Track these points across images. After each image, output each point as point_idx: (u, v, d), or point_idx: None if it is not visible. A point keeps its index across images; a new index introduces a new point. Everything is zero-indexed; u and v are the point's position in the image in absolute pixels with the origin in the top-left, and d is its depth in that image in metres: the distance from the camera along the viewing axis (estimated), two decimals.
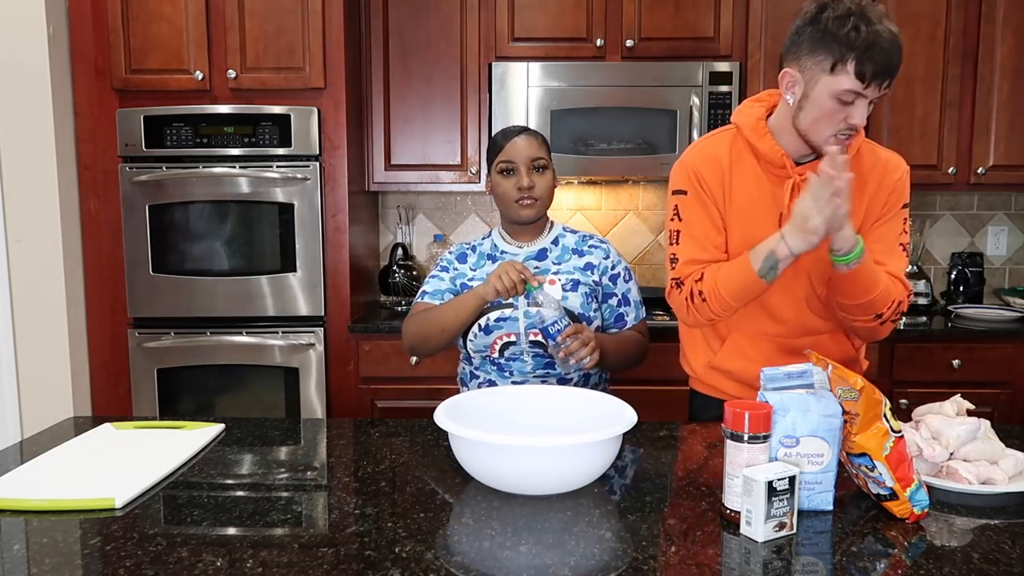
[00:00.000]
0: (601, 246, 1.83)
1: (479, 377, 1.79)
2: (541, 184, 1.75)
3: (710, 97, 2.77)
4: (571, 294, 1.74)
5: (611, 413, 1.28)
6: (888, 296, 1.46)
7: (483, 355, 1.75)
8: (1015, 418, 2.64)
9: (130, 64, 2.59)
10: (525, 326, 1.71)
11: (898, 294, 1.48)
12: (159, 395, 2.66)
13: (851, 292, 1.45)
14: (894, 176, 1.52)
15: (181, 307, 2.64)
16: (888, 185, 1.51)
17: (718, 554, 1.00)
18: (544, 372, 1.75)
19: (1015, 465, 1.21)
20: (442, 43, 2.86)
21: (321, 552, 1.00)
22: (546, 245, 1.82)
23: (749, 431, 1.07)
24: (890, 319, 1.49)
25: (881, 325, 1.50)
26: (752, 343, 1.59)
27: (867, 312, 1.47)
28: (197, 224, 2.62)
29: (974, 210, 3.23)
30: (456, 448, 1.21)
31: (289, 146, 2.59)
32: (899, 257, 1.53)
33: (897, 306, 1.48)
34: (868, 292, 1.44)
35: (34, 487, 1.19)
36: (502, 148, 1.76)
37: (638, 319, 1.83)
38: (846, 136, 1.41)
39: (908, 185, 1.54)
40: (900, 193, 1.53)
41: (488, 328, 1.72)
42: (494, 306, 1.72)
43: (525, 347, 1.72)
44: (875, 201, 1.51)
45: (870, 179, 1.51)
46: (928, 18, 2.81)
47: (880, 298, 1.45)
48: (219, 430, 1.50)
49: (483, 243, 1.88)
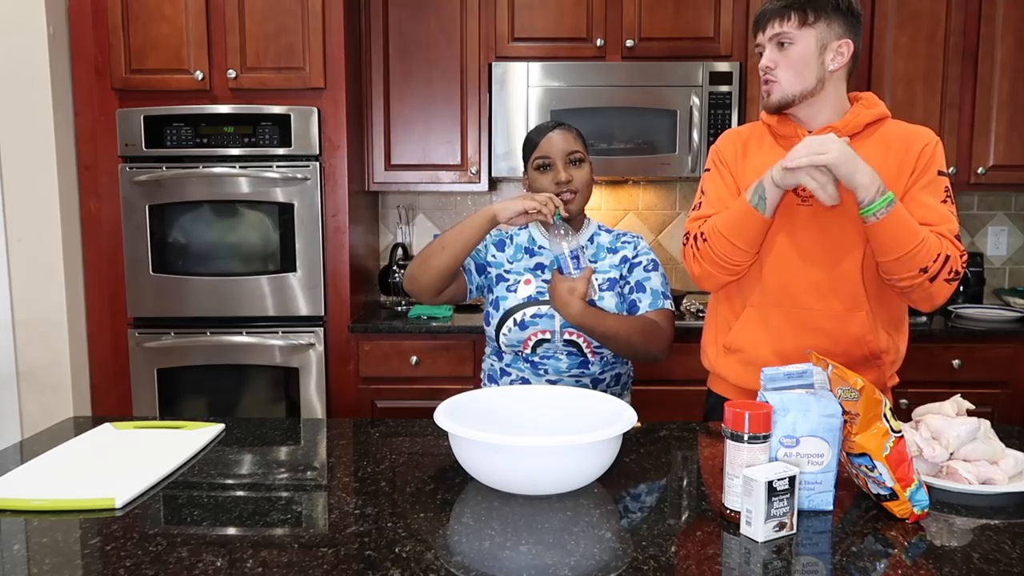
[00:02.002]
0: (632, 240, 1.82)
1: (511, 374, 1.76)
2: (579, 177, 1.73)
3: (710, 97, 2.77)
4: (607, 294, 1.73)
5: (611, 413, 1.28)
6: (931, 249, 1.42)
7: (515, 350, 1.73)
8: (1015, 418, 2.64)
9: (130, 64, 2.59)
10: (560, 324, 1.70)
11: (946, 249, 1.44)
12: (159, 395, 2.66)
13: (887, 247, 1.43)
14: (920, 144, 1.51)
15: (181, 307, 2.64)
16: (914, 152, 1.50)
17: (718, 554, 1.00)
18: (579, 372, 1.73)
19: (1015, 465, 1.21)
20: (442, 43, 2.86)
21: (321, 552, 1.00)
22: (583, 242, 1.80)
23: (749, 431, 1.07)
24: (943, 277, 1.44)
25: (932, 282, 1.44)
26: (763, 318, 1.59)
27: (910, 267, 1.43)
28: (197, 224, 2.62)
29: (974, 210, 3.23)
30: (456, 448, 1.21)
31: (289, 146, 2.59)
32: (947, 219, 1.48)
33: (946, 261, 1.43)
34: (905, 244, 1.41)
35: (34, 487, 1.19)
36: (537, 144, 1.74)
37: (653, 307, 1.73)
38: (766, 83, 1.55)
39: (940, 155, 1.52)
40: (930, 160, 1.50)
41: (524, 324, 1.70)
42: (530, 301, 1.72)
43: (559, 344, 1.71)
44: (902, 169, 1.50)
45: (893, 148, 1.51)
46: (928, 18, 2.81)
47: (921, 250, 1.41)
48: (219, 430, 1.50)
49: (520, 234, 1.85)
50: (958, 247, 1.47)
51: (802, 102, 1.52)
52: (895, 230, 1.41)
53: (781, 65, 1.51)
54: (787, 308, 1.57)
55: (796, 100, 1.52)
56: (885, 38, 2.82)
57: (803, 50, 1.49)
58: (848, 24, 1.50)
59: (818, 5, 1.48)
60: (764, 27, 1.52)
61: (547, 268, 1.77)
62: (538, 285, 1.74)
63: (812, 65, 1.50)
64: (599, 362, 1.74)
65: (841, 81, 1.54)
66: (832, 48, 1.50)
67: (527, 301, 1.72)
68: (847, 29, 1.50)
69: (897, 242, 1.42)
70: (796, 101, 1.52)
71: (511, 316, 1.71)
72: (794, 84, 1.51)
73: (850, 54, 1.51)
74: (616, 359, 1.77)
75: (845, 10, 1.49)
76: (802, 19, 1.48)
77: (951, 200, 1.50)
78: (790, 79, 1.51)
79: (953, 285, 1.47)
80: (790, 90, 1.51)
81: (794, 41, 1.49)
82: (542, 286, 1.74)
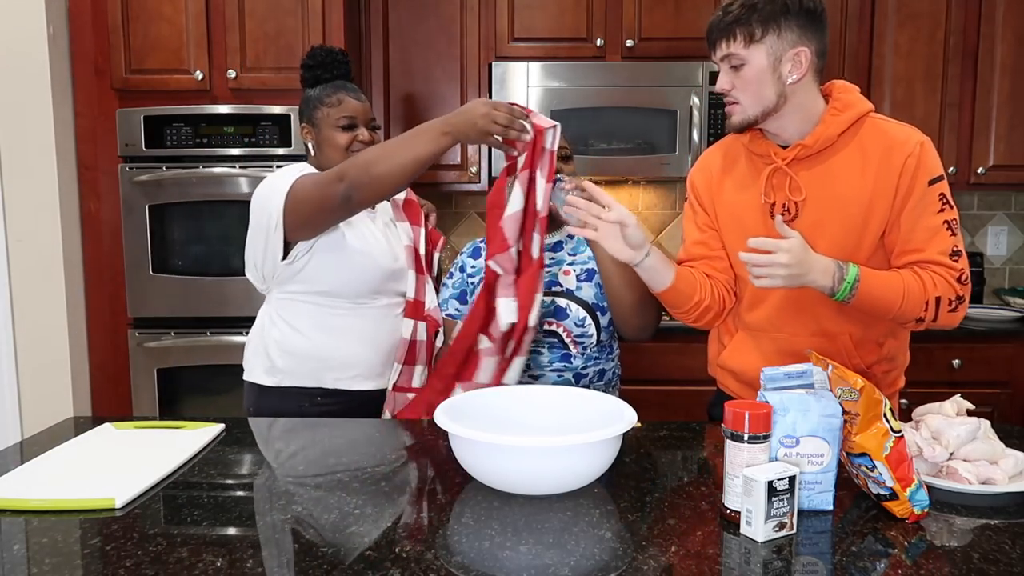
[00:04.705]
0: None
1: None
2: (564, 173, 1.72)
3: (710, 97, 2.77)
4: (585, 284, 1.75)
5: (611, 413, 1.28)
6: (915, 301, 1.38)
7: None
8: (1015, 418, 2.64)
9: (130, 64, 2.59)
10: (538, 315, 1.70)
11: (932, 291, 1.38)
12: (159, 395, 2.66)
13: (873, 316, 1.43)
14: (901, 156, 1.39)
15: (181, 307, 2.64)
16: (896, 166, 1.39)
17: (718, 554, 1.00)
18: (561, 366, 1.74)
19: (1015, 465, 1.21)
20: (442, 43, 2.86)
21: (321, 552, 1.00)
22: (562, 238, 1.81)
23: (749, 431, 1.07)
24: (944, 311, 1.40)
25: (936, 321, 1.41)
26: (756, 343, 1.57)
27: (904, 321, 1.43)
28: (197, 224, 2.62)
29: (974, 210, 3.23)
30: (456, 448, 1.21)
31: (289, 146, 2.59)
32: (940, 239, 1.40)
33: (937, 304, 1.38)
34: (888, 309, 1.39)
35: (34, 487, 1.19)
36: None
37: None
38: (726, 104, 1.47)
39: (928, 159, 1.41)
40: (915, 173, 1.39)
41: None
42: None
43: (540, 336, 1.71)
44: (884, 183, 1.40)
45: (871, 162, 1.42)
46: (928, 18, 2.81)
47: (906, 307, 1.38)
48: (219, 430, 1.50)
49: None
50: (953, 270, 1.40)
51: (766, 119, 1.43)
52: (872, 302, 1.39)
53: (737, 87, 1.42)
54: (771, 334, 1.54)
55: (759, 119, 1.43)
56: (885, 38, 2.82)
57: (755, 69, 1.39)
58: (804, 27, 1.38)
59: (765, 17, 1.37)
60: (712, 47, 1.43)
61: None
62: None
63: (768, 82, 1.39)
64: (581, 356, 1.74)
65: (808, 87, 1.43)
66: (788, 59, 1.39)
67: None
68: (803, 34, 1.38)
69: (879, 310, 1.40)
70: (759, 120, 1.43)
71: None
72: (754, 105, 1.42)
73: (809, 61, 1.39)
74: (600, 354, 1.77)
75: (796, 12, 1.37)
76: (748, 37, 1.38)
77: (948, 206, 1.41)
78: (748, 100, 1.42)
79: (960, 311, 1.42)
80: (751, 111, 1.42)
81: (744, 61, 1.39)
82: None
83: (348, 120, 1.73)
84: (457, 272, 1.84)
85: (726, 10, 1.41)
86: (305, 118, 1.79)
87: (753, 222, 1.50)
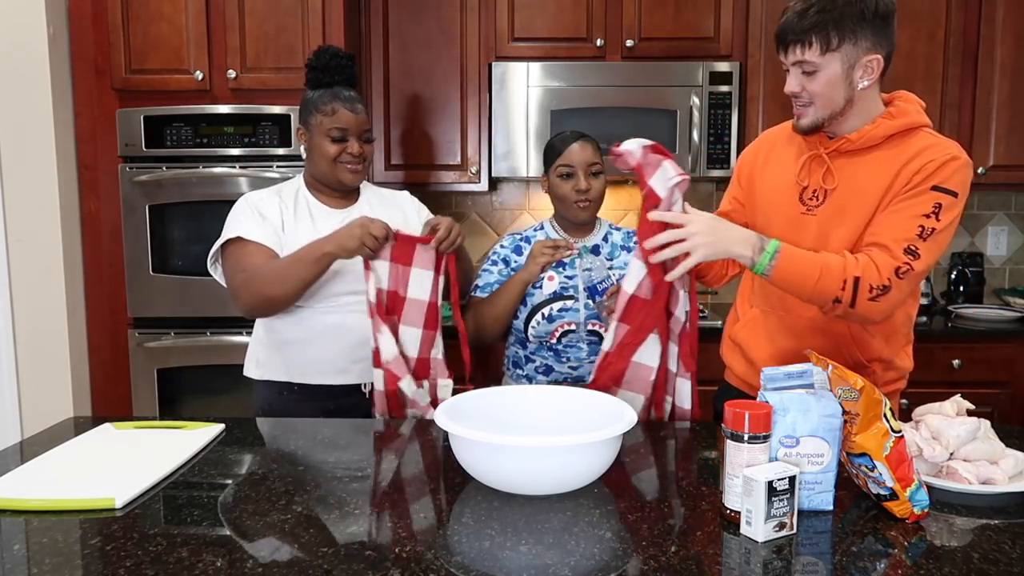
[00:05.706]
0: None
1: (535, 361, 1.88)
2: (596, 187, 1.87)
3: (710, 97, 2.77)
4: None
5: (611, 413, 1.28)
6: (833, 279, 1.36)
7: (541, 340, 1.85)
8: (1015, 418, 2.64)
9: (130, 64, 2.59)
10: (585, 316, 1.82)
11: (854, 269, 1.36)
12: (159, 395, 2.66)
13: (791, 292, 1.42)
14: (927, 157, 1.40)
15: (181, 307, 2.63)
16: (915, 166, 1.40)
17: (718, 554, 1.00)
18: None
19: (1015, 465, 1.21)
20: (442, 43, 2.86)
21: (321, 552, 1.00)
22: (598, 242, 1.93)
23: (749, 431, 1.07)
24: (863, 298, 1.36)
25: (854, 308, 1.37)
26: (764, 320, 1.60)
27: (821, 301, 1.39)
28: (197, 224, 2.62)
29: (974, 210, 3.23)
30: (456, 448, 1.21)
31: (289, 146, 2.59)
32: (903, 231, 1.38)
33: (856, 283, 1.35)
34: (804, 285, 1.38)
35: (34, 487, 1.19)
36: (561, 152, 1.87)
37: None
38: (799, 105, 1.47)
39: (946, 172, 1.39)
40: (929, 174, 1.39)
41: (552, 317, 1.82)
42: (555, 296, 1.83)
43: (583, 335, 1.83)
44: (898, 179, 1.41)
45: (902, 159, 1.42)
46: (928, 18, 2.81)
47: (822, 284, 1.36)
48: (219, 430, 1.50)
49: (536, 235, 1.95)
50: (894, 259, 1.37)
51: (832, 121, 1.45)
52: (790, 276, 1.38)
53: (807, 90, 1.42)
54: (780, 314, 1.57)
55: (827, 122, 1.44)
56: None
57: (829, 77, 1.40)
58: (878, 33, 1.39)
59: (841, 24, 1.36)
60: (785, 50, 1.43)
61: (566, 265, 1.86)
62: (561, 281, 1.85)
63: (840, 88, 1.40)
64: None
65: (873, 91, 1.45)
66: (860, 66, 1.39)
67: (552, 296, 1.84)
68: (876, 41, 1.39)
69: (796, 285, 1.40)
70: (827, 123, 1.45)
71: (539, 311, 1.83)
72: (823, 109, 1.43)
73: (880, 67, 1.41)
74: None
75: (871, 18, 1.37)
76: (824, 45, 1.37)
77: (936, 216, 1.37)
78: (819, 105, 1.43)
79: (883, 304, 1.37)
80: (820, 115, 1.44)
81: (818, 68, 1.39)
82: (565, 281, 1.85)
83: (339, 132, 1.74)
84: (501, 263, 1.93)
85: (802, 14, 1.38)
86: (302, 120, 1.81)
87: (781, 203, 1.53)
